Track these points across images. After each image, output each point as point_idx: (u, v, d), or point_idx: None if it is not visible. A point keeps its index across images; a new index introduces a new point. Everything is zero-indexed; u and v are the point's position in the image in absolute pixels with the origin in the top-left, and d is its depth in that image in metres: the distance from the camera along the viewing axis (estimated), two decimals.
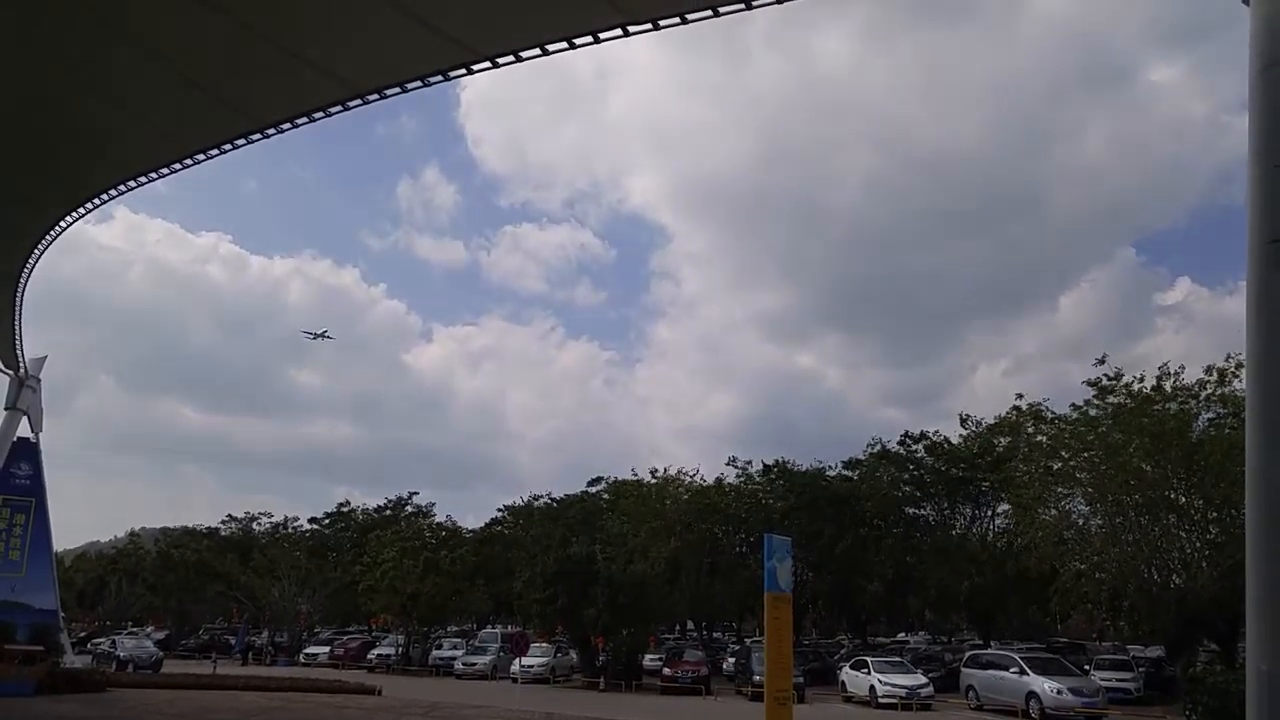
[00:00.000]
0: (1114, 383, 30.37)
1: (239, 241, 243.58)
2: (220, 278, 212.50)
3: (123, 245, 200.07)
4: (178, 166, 12.35)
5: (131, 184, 13.34)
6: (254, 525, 70.03)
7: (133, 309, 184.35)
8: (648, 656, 39.96)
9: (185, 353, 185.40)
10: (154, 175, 12.83)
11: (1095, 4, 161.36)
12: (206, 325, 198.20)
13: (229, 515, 72.26)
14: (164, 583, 64.18)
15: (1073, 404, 32.25)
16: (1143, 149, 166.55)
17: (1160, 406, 29.21)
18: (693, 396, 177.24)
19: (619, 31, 7.97)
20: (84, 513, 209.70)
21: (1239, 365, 28.64)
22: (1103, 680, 28.84)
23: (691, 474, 49.93)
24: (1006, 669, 27.37)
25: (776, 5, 7.70)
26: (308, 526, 67.99)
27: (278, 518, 70.00)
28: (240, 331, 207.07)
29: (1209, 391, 29.38)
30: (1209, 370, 29.44)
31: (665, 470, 50.04)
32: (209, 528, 71.76)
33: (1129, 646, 41.03)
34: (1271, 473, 6.92)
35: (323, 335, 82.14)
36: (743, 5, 7.62)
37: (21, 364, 27.00)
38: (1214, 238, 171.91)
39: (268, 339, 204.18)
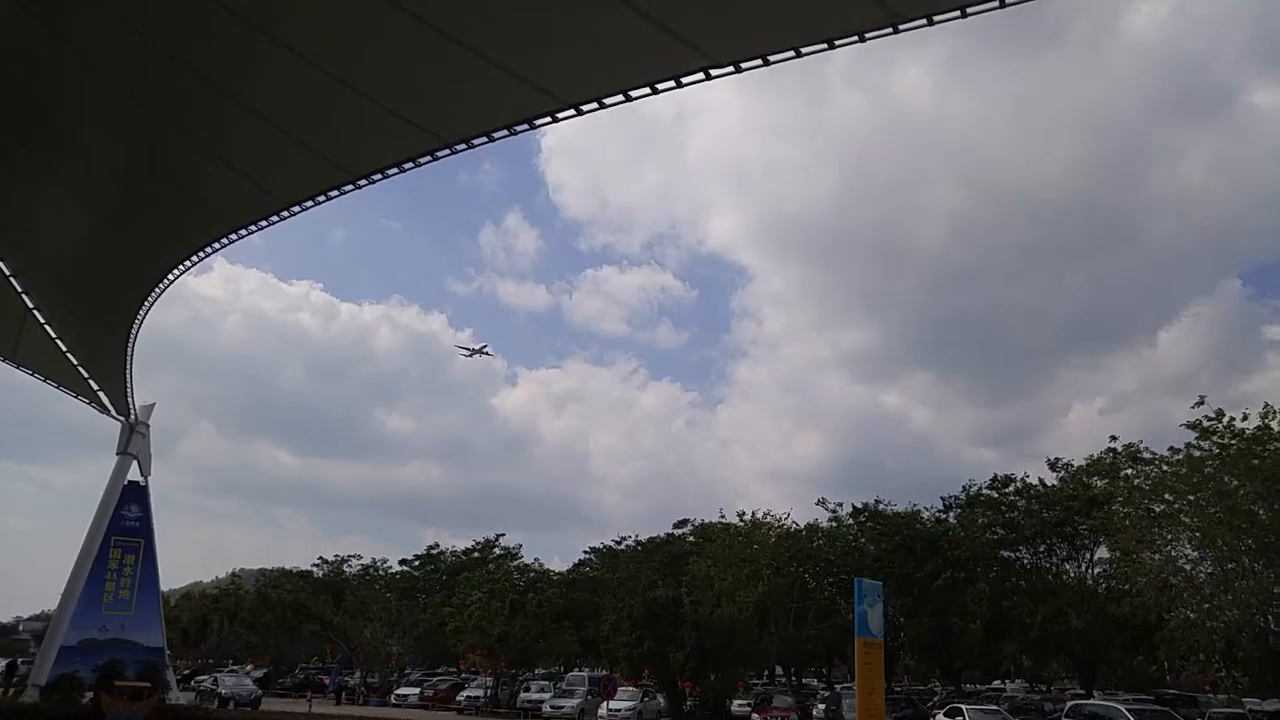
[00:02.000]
0: (1215, 423, 28.97)
1: (329, 289, 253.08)
2: (312, 325, 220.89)
3: (221, 295, 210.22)
4: (274, 219, 12.94)
5: (234, 236, 14.03)
6: (344, 567, 71.70)
7: (230, 356, 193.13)
8: (736, 702, 39.20)
9: (280, 398, 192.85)
10: (254, 228, 13.47)
11: (1188, 28, 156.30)
12: (300, 371, 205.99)
13: (320, 558, 74.19)
14: (262, 622, 66.13)
15: (1171, 446, 31.06)
16: (1245, 176, 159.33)
17: (1271, 447, 27.73)
18: (777, 438, 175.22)
19: (701, 75, 8.07)
20: (188, 553, 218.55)
21: None
22: None
23: (781, 517, 49.19)
24: None
25: (859, 44, 7.71)
26: (397, 568, 69.31)
27: (367, 559, 71.61)
28: (332, 376, 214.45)
29: None
30: None
31: (753, 513, 49.45)
32: (303, 570, 73.78)
33: (1245, 700, 38.45)
34: None
35: (481, 351, 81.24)
36: (825, 45, 7.65)
37: (132, 411, 28.46)
38: None
39: (359, 383, 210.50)
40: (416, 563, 68.89)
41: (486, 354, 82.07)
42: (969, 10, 7.15)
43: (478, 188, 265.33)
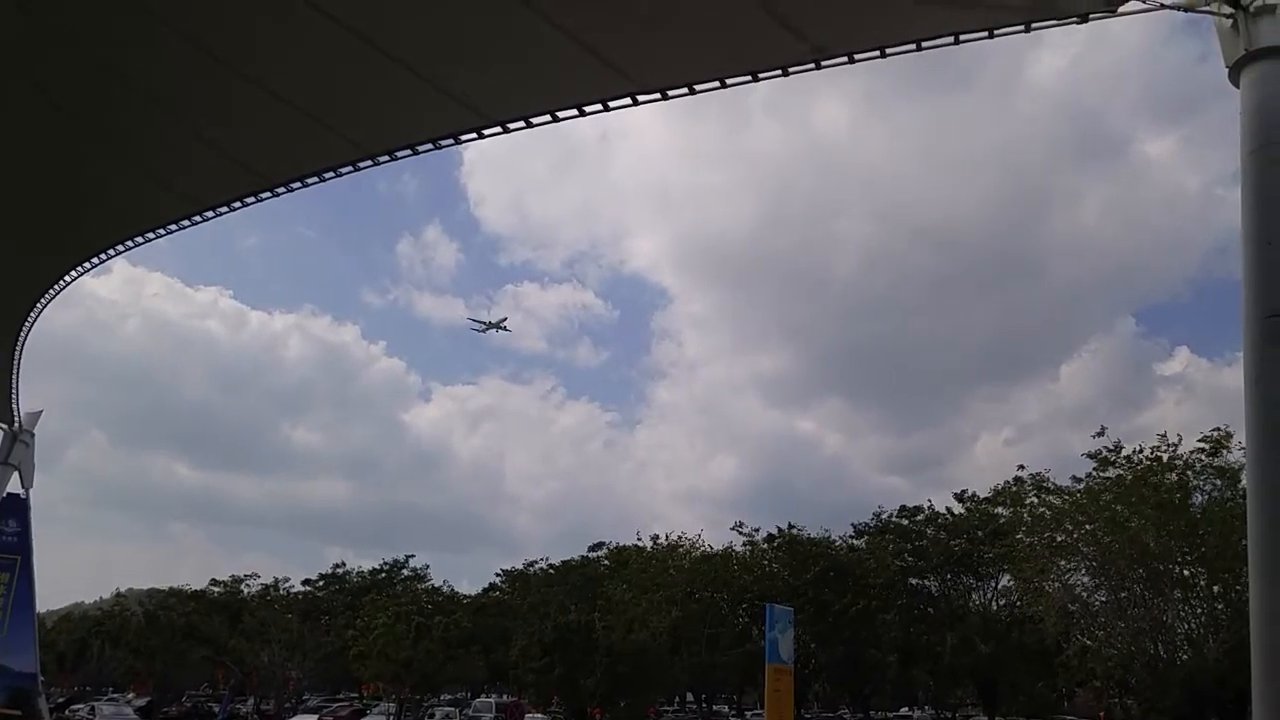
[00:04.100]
0: (1114, 454, 30.39)
1: (239, 296, 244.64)
2: (219, 332, 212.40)
3: (120, 298, 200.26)
4: (186, 223, 12.45)
5: (139, 239, 13.43)
6: (243, 587, 68.79)
7: (128, 362, 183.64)
8: None
9: (180, 408, 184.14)
10: (162, 231, 12.92)
11: (1085, 79, 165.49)
12: (203, 380, 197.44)
13: (213, 579, 70.94)
14: (148, 646, 62.73)
15: (1073, 476, 32.35)
16: (1139, 220, 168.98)
17: (1160, 478, 29.19)
18: (693, 460, 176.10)
19: (628, 100, 8.16)
20: (70, 572, 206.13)
21: (1227, 436, 28.76)
22: None
23: (694, 540, 49.38)
24: None
25: (781, 77, 7.91)
26: (300, 588, 66.93)
27: (268, 579, 68.82)
28: (238, 387, 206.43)
29: (1204, 462, 29.45)
30: (1204, 440, 29.56)
31: (667, 537, 49.49)
32: (196, 590, 70.51)
33: None
34: (1272, 547, 6.87)
35: (499, 326, 73.18)
36: (749, 77, 7.84)
37: (16, 418, 26.91)
38: (1212, 309, 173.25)
39: (265, 395, 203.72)
40: (320, 583, 66.68)
41: (504, 329, 74.23)
42: (888, 51, 7.43)
43: (397, 198, 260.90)
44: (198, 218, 12.29)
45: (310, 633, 50.80)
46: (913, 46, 7.42)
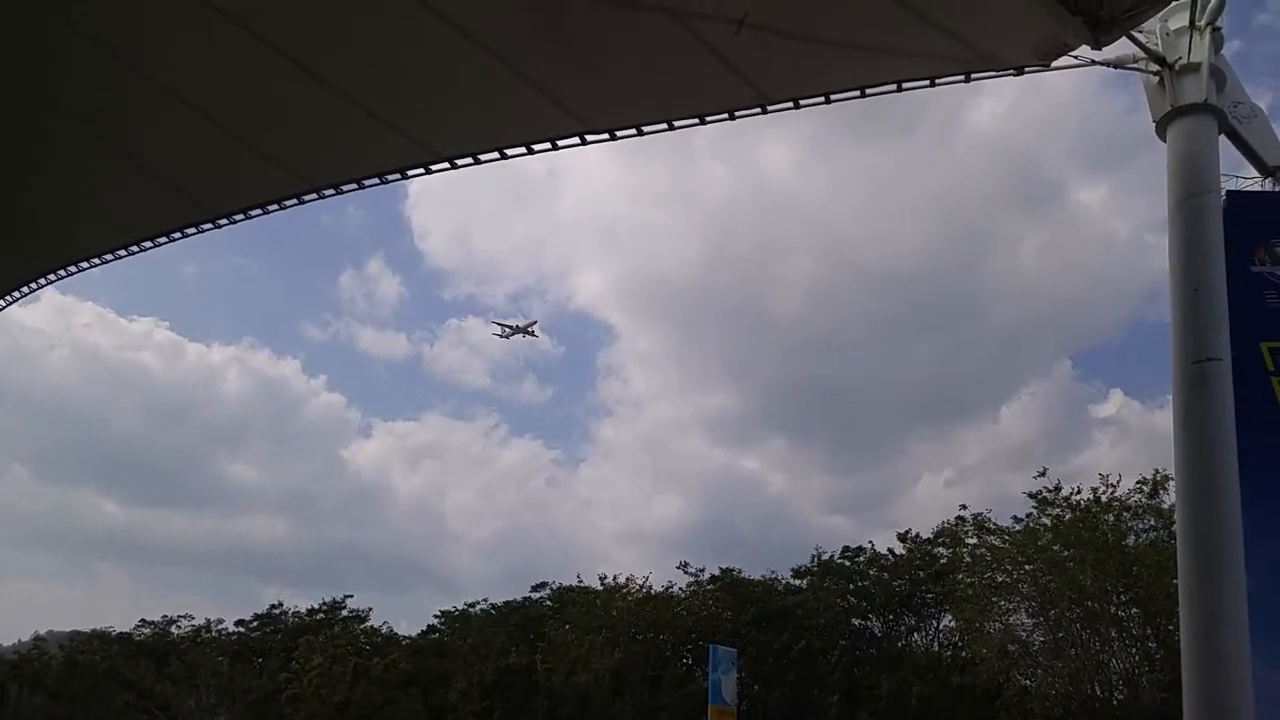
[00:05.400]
0: (1054, 494, 30.98)
1: (176, 328, 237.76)
2: (153, 364, 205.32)
3: (48, 327, 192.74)
4: (123, 253, 12.05)
5: (71, 269, 13.00)
6: (173, 628, 66.14)
7: (55, 394, 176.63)
8: None
9: (110, 442, 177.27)
10: (98, 261, 12.48)
11: (1022, 126, 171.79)
12: (135, 414, 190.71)
13: (142, 620, 68.01)
14: (67, 692, 59.86)
15: (1014, 516, 32.84)
16: (1075, 264, 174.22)
17: (1097, 518, 29.78)
18: (638, 499, 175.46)
19: (577, 140, 8.20)
20: None
21: (1165, 479, 29.52)
22: None
23: (640, 581, 48.84)
24: None
25: (728, 120, 8.03)
26: (233, 630, 64.59)
27: (199, 620, 66.23)
28: (171, 421, 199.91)
29: (1139, 503, 30.17)
30: (1141, 482, 30.26)
31: (614, 577, 48.89)
32: (122, 632, 67.53)
33: None
34: (1202, 589, 7.03)
35: (526, 331, 65.61)
36: (697, 120, 7.94)
37: None
38: (1144, 352, 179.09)
39: (200, 430, 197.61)
40: (255, 624, 64.38)
41: (532, 334, 67.08)
42: (833, 97, 7.60)
43: (339, 230, 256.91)
44: (135, 248, 11.89)
45: (242, 675, 49.02)
46: (857, 93, 7.61)
